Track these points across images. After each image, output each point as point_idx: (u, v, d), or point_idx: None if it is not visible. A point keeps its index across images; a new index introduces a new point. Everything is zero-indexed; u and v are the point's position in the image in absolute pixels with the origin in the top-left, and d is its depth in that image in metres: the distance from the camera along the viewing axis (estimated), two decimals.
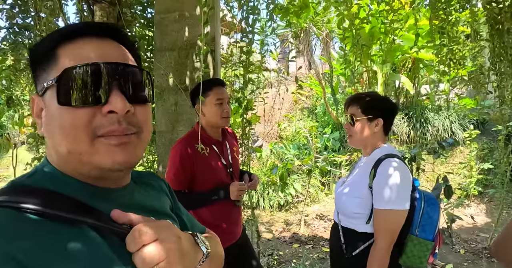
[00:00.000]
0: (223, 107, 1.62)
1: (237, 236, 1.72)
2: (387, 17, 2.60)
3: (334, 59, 7.60)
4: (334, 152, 6.64)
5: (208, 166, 1.60)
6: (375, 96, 1.43)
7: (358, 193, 1.33)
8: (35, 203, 0.44)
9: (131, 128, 0.50)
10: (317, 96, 9.02)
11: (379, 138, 1.40)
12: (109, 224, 0.47)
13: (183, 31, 2.06)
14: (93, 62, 0.47)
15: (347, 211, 1.36)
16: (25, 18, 2.37)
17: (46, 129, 0.50)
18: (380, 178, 1.26)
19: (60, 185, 0.49)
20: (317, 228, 4.47)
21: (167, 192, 0.72)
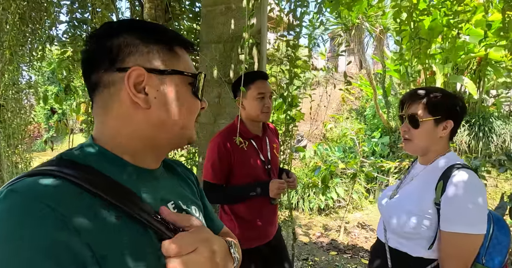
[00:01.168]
0: (264, 102, 1.54)
1: (270, 236, 1.64)
2: (451, 8, 2.33)
3: (387, 58, 7.15)
4: (382, 158, 6.26)
5: (246, 161, 1.54)
6: (443, 92, 1.16)
7: (417, 209, 1.09)
8: (86, 180, 0.49)
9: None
10: (367, 97, 8.59)
11: (444, 144, 1.17)
12: (151, 218, 0.52)
13: (229, 23, 2.02)
14: (201, 72, 0.64)
15: (400, 229, 1.12)
16: (83, 12, 2.51)
17: (163, 105, 0.58)
18: (453, 194, 1.02)
19: (106, 161, 0.56)
20: (358, 237, 4.22)
21: (194, 182, 0.78)
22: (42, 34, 2.84)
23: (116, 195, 0.51)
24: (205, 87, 2.08)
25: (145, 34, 0.58)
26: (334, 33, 7.24)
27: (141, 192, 0.56)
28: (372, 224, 4.66)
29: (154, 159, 0.63)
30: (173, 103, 0.58)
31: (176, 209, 0.62)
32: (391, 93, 8.36)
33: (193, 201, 0.71)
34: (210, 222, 0.78)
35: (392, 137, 7.00)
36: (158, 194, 0.60)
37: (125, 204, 0.51)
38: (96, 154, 0.56)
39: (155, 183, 0.62)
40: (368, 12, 5.16)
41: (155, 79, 0.57)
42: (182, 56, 0.61)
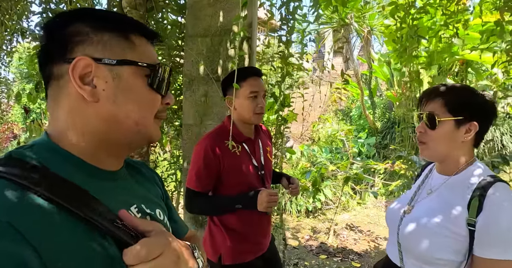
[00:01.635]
0: (257, 102, 1.39)
1: (264, 248, 1.50)
2: (448, 7, 2.27)
3: (374, 59, 7.17)
4: (369, 159, 6.25)
5: (237, 167, 1.38)
6: (467, 89, 1.00)
7: (446, 231, 0.92)
8: (35, 182, 0.45)
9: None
10: (353, 98, 8.61)
11: (467, 151, 1.00)
12: (111, 224, 0.48)
13: (218, 16, 1.87)
14: (164, 64, 0.60)
15: (424, 254, 0.95)
16: (58, 3, 2.31)
17: (112, 98, 0.53)
18: (493, 215, 0.86)
19: (60, 160, 0.52)
20: (347, 240, 4.15)
21: (158, 184, 0.75)
22: (12, 26, 2.62)
23: (71, 199, 0.47)
24: (192, 82, 1.92)
25: (96, 22, 0.54)
26: (321, 35, 7.20)
27: (100, 195, 0.51)
28: (360, 225, 4.62)
29: (112, 159, 0.59)
30: (124, 96, 0.54)
31: (139, 213, 0.60)
32: (377, 94, 8.41)
33: (157, 203, 0.68)
34: (174, 225, 0.75)
35: (378, 138, 7.02)
36: (120, 197, 0.58)
37: (81, 209, 0.47)
38: (49, 152, 0.53)
39: (117, 185, 0.59)
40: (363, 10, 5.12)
41: (104, 70, 0.53)
42: (139, 45, 0.57)
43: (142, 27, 0.58)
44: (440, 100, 0.98)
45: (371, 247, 3.95)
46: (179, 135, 2.40)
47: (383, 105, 7.94)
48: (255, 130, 1.51)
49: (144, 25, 0.59)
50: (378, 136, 7.08)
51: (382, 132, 7.17)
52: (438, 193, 1.02)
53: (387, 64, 7.00)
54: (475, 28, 5.22)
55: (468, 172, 0.98)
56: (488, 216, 0.86)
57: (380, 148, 6.91)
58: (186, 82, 1.94)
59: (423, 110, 1.02)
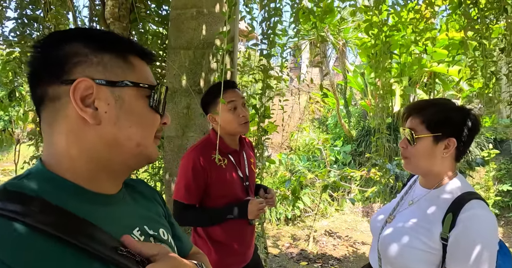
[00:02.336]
0: (238, 112, 1.42)
1: (248, 259, 1.52)
2: (417, 25, 2.43)
3: (348, 70, 7.43)
4: (345, 166, 6.41)
5: (223, 179, 1.41)
6: (446, 105, 1.03)
7: (421, 244, 0.95)
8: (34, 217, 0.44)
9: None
10: (329, 107, 8.84)
11: (448, 166, 1.02)
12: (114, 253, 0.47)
13: (200, 29, 1.91)
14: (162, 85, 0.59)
15: (400, 264, 1.00)
16: (34, 9, 2.26)
17: (114, 120, 0.52)
18: (466, 231, 0.89)
19: (57, 189, 0.50)
20: (326, 245, 4.24)
21: (159, 201, 0.73)
22: None
23: (71, 231, 0.45)
24: (175, 95, 1.94)
25: (95, 43, 0.53)
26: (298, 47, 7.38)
27: (101, 222, 0.50)
28: (338, 231, 4.72)
29: (111, 183, 0.57)
30: (126, 118, 0.54)
31: (143, 236, 0.58)
32: (352, 103, 8.68)
33: (160, 223, 0.67)
34: (178, 242, 0.73)
35: (353, 146, 7.22)
36: (121, 221, 0.56)
37: (82, 240, 0.45)
38: (45, 180, 0.50)
39: (116, 209, 0.57)
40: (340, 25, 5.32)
41: (106, 92, 0.52)
42: (138, 66, 0.57)
43: (138, 48, 0.58)
44: (419, 117, 1.01)
45: (350, 252, 4.04)
46: (161, 147, 2.39)
47: (358, 114, 8.20)
48: (239, 142, 1.54)
49: (139, 45, 0.59)
50: (353, 144, 7.29)
51: (357, 140, 7.39)
52: (418, 205, 1.05)
53: (361, 75, 7.28)
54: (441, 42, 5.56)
55: (447, 187, 1.00)
56: (459, 232, 0.89)
57: (356, 156, 7.11)
58: (168, 94, 1.95)
59: (405, 126, 1.06)
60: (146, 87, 0.56)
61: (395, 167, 3.17)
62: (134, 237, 0.55)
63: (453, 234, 0.90)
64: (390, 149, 5.89)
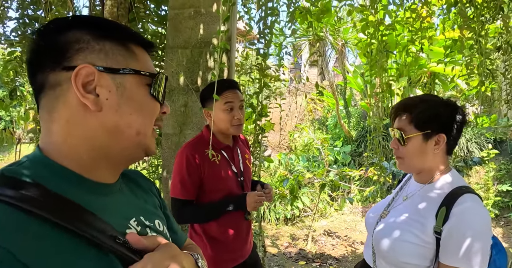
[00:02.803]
0: (234, 114, 1.43)
1: (245, 255, 1.53)
2: (413, 24, 2.45)
3: (348, 71, 7.45)
4: (345, 166, 6.43)
5: (217, 174, 1.43)
6: (432, 101, 1.02)
7: (413, 237, 0.96)
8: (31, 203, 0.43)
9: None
10: (329, 107, 8.86)
11: (440, 160, 1.03)
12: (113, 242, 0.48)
13: (198, 28, 1.94)
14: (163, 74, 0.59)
15: (393, 258, 1.00)
16: (35, 9, 2.29)
17: (115, 107, 0.52)
18: (458, 224, 0.90)
19: (55, 176, 0.50)
20: (325, 245, 4.24)
21: (155, 193, 0.74)
22: None
23: (69, 217, 0.45)
24: (172, 93, 1.96)
25: (97, 30, 0.53)
26: (298, 46, 7.42)
27: (98, 211, 0.50)
28: (337, 231, 4.73)
29: (110, 172, 0.57)
30: (127, 106, 0.54)
31: (139, 226, 0.58)
32: (352, 104, 8.70)
33: (156, 214, 0.67)
34: (173, 234, 0.74)
35: (353, 146, 7.24)
36: (118, 211, 0.56)
37: (80, 227, 0.45)
38: (43, 167, 0.50)
39: (114, 199, 0.57)
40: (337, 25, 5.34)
41: (107, 79, 0.52)
42: (139, 54, 0.57)
43: (139, 37, 0.58)
44: (407, 116, 1.02)
45: (349, 251, 4.05)
46: (159, 145, 2.41)
47: (358, 115, 8.22)
48: (233, 138, 1.56)
49: (140, 35, 0.59)
50: (353, 144, 7.31)
51: (357, 140, 7.41)
52: (412, 200, 1.06)
53: (361, 75, 7.31)
54: (440, 42, 5.58)
55: (441, 182, 1.02)
56: (452, 226, 0.90)
57: (356, 156, 7.12)
58: (166, 92, 1.97)
59: (393, 126, 1.06)
60: (147, 75, 0.56)
61: (392, 165, 3.17)
62: (131, 227, 0.56)
63: (446, 227, 0.91)
64: (387, 148, 5.92)
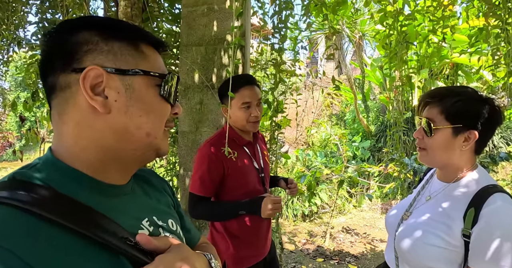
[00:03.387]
0: (250, 111, 1.40)
1: (264, 253, 1.52)
2: (434, 13, 2.34)
3: (366, 64, 7.27)
4: (363, 162, 6.31)
5: (240, 170, 1.41)
6: (469, 95, 0.94)
7: (439, 240, 0.90)
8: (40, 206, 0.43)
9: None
10: (347, 102, 8.70)
11: (468, 159, 0.96)
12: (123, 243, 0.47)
13: (212, 25, 1.92)
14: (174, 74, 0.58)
15: (418, 262, 0.94)
16: (54, 13, 2.35)
17: (124, 109, 0.52)
18: (489, 226, 0.83)
19: (66, 178, 0.50)
20: (343, 242, 4.19)
21: (168, 192, 0.73)
22: (9, 36, 2.65)
23: (79, 220, 0.45)
24: (188, 90, 1.97)
25: (106, 31, 0.52)
26: (314, 40, 7.30)
27: (110, 212, 0.50)
28: (356, 228, 4.66)
29: (121, 174, 0.56)
30: (136, 107, 0.53)
31: (152, 226, 0.58)
32: (370, 98, 8.51)
33: (169, 213, 0.67)
34: (187, 233, 0.73)
35: (372, 141, 7.09)
36: (130, 212, 0.56)
37: (90, 229, 0.45)
38: (54, 170, 0.50)
39: (125, 200, 0.57)
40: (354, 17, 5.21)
41: (116, 80, 0.51)
42: (149, 55, 0.56)
43: (150, 36, 0.57)
44: (438, 106, 0.94)
45: (368, 249, 3.98)
46: (175, 142, 2.43)
47: (377, 109, 8.04)
48: (252, 134, 1.55)
49: (151, 34, 0.57)
50: (372, 139, 7.16)
51: (376, 135, 7.25)
52: (436, 200, 1.00)
53: (379, 68, 7.12)
54: (463, 31, 5.35)
55: (467, 180, 0.95)
56: (482, 228, 0.84)
57: (375, 151, 6.98)
58: (182, 90, 1.98)
59: (421, 115, 0.98)
60: (157, 75, 0.54)
61: (413, 161, 3.08)
62: (143, 227, 0.56)
63: (475, 230, 0.84)
64: (408, 143, 5.74)
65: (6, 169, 9.11)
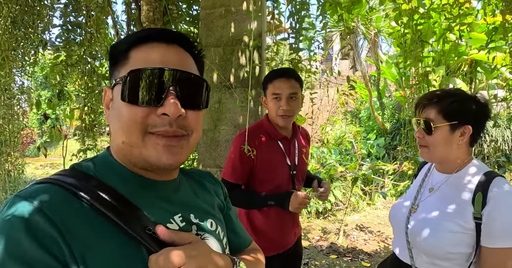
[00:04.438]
0: (280, 104, 1.40)
1: (286, 246, 1.54)
2: (451, 11, 2.33)
3: (381, 61, 7.20)
4: (378, 160, 6.27)
5: (269, 164, 1.44)
6: (461, 95, 1.07)
7: (455, 226, 0.99)
8: (83, 190, 0.50)
9: (181, 131, 0.54)
10: (362, 99, 8.63)
11: (464, 151, 1.08)
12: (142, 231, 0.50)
13: (229, 26, 1.99)
14: (154, 67, 0.52)
15: (438, 250, 1.02)
16: (77, 16, 2.45)
17: (110, 119, 0.57)
18: (497, 207, 0.94)
19: (112, 172, 0.56)
20: (357, 240, 4.20)
21: (219, 194, 0.74)
22: (35, 38, 2.77)
23: (111, 206, 0.50)
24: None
25: (111, 51, 0.59)
26: (329, 37, 7.27)
27: (142, 204, 0.53)
28: (370, 226, 4.65)
29: (151, 173, 0.58)
30: (112, 116, 0.56)
31: (184, 222, 0.59)
32: (386, 95, 8.42)
33: (211, 214, 0.66)
34: (235, 237, 0.74)
35: (387, 139, 7.03)
36: (164, 206, 0.58)
37: (118, 216, 0.49)
38: (105, 164, 0.57)
39: (165, 194, 0.59)
40: (369, 15, 5.18)
41: (109, 94, 0.58)
42: (133, 57, 0.54)
43: (141, 35, 0.56)
44: (435, 107, 1.06)
45: (381, 247, 3.99)
46: None
47: (392, 106, 7.94)
48: (293, 130, 1.55)
49: (151, 28, 0.60)
50: (387, 137, 7.10)
51: (391, 133, 7.18)
52: (441, 191, 1.09)
53: (395, 65, 7.03)
54: (482, 27, 5.23)
55: (468, 170, 1.06)
56: (492, 209, 0.94)
57: (390, 149, 6.92)
58: None
59: (420, 116, 1.10)
60: (118, 79, 0.54)
61: None
62: (172, 221, 0.57)
63: (485, 211, 0.95)
64: None
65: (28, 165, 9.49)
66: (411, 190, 1.23)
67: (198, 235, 0.60)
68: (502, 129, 6.38)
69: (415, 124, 1.13)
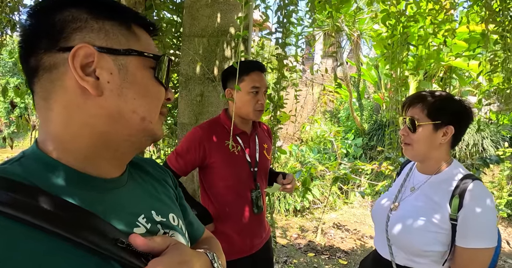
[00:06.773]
0: (258, 98, 1.37)
1: (251, 250, 1.46)
2: (436, 16, 2.36)
3: (362, 63, 7.31)
4: (356, 159, 6.37)
5: (227, 160, 1.38)
6: (445, 96, 1.11)
7: (432, 226, 1.04)
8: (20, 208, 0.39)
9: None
10: (341, 100, 8.75)
11: (445, 152, 1.12)
12: (114, 246, 0.43)
13: (215, 16, 1.90)
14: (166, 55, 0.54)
15: (413, 248, 1.07)
16: None
17: (117, 91, 0.48)
18: (472, 210, 0.99)
19: (51, 174, 0.45)
20: (334, 238, 4.25)
21: (169, 183, 0.69)
22: (3, 18, 2.57)
23: (62, 221, 0.40)
24: (189, 82, 1.95)
25: (96, 8, 0.48)
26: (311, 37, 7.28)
27: (101, 210, 0.46)
28: (347, 224, 4.72)
29: (114, 164, 0.52)
30: (130, 89, 0.49)
31: (149, 223, 0.53)
32: (365, 96, 8.57)
33: (170, 207, 0.62)
34: (189, 227, 0.70)
35: (365, 139, 7.16)
36: (125, 208, 0.51)
37: (75, 231, 0.40)
38: (39, 164, 0.45)
39: (120, 194, 0.52)
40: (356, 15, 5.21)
41: (108, 60, 0.47)
42: (141, 36, 0.52)
43: (141, 18, 0.54)
44: (420, 106, 1.09)
45: (357, 245, 4.05)
46: (173, 134, 2.42)
47: (371, 108, 8.10)
48: (252, 125, 1.50)
49: (144, 16, 0.55)
50: (365, 138, 7.23)
51: (369, 133, 7.32)
52: (421, 190, 1.13)
53: (375, 67, 7.16)
54: (459, 35, 5.40)
55: (449, 172, 1.10)
56: (467, 212, 1.00)
57: (367, 149, 7.05)
58: (182, 81, 1.96)
59: (406, 115, 1.13)
60: (151, 56, 0.51)
61: None
62: (139, 225, 0.52)
63: (461, 214, 1.00)
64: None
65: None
66: (393, 189, 1.26)
67: (165, 234, 0.56)
68: (474, 133, 6.66)
69: (401, 123, 1.17)
